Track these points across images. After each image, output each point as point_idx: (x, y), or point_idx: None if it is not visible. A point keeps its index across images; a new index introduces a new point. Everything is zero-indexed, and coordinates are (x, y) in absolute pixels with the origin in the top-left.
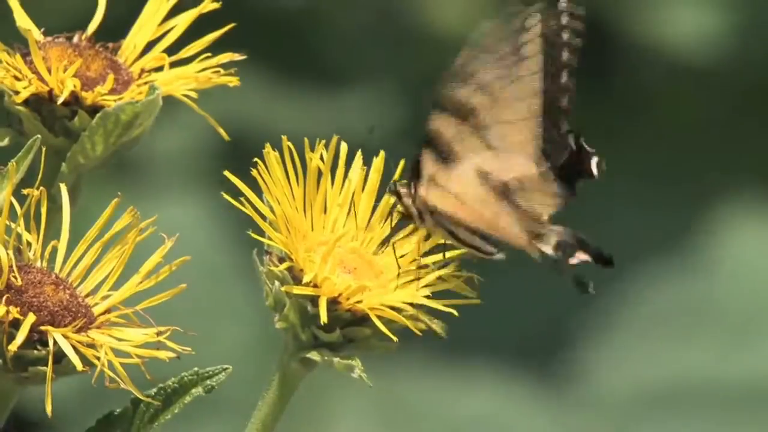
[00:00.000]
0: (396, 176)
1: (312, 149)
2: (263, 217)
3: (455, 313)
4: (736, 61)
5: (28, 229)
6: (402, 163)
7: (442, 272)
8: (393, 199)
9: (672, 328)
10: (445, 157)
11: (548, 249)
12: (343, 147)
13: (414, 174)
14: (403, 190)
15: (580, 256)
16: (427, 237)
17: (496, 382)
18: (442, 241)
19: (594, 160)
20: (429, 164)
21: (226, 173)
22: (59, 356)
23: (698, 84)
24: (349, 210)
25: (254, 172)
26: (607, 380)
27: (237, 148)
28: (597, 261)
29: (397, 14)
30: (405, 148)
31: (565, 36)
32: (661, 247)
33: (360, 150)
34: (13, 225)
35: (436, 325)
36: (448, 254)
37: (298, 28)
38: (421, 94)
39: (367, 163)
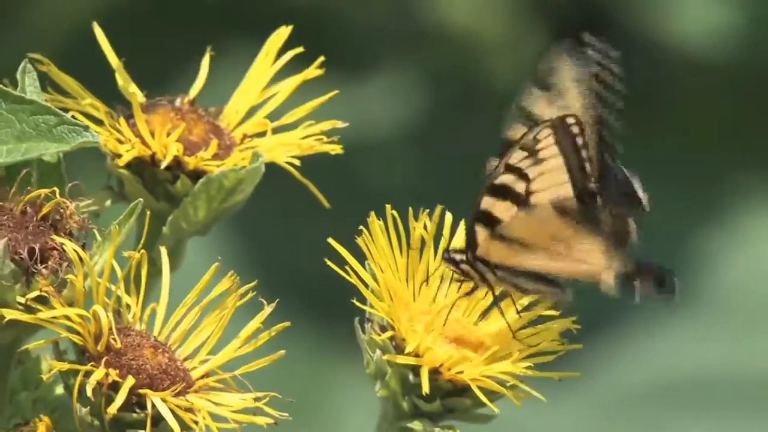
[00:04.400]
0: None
1: (416, 218)
2: (366, 286)
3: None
4: (746, 56)
5: (128, 291)
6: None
7: (543, 345)
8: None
9: (683, 322)
10: (518, 199)
11: (610, 282)
12: (448, 217)
13: (470, 236)
14: (458, 256)
15: (643, 287)
16: (527, 307)
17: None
18: (544, 311)
19: (639, 188)
20: (493, 216)
21: (330, 240)
22: (157, 420)
23: (709, 80)
24: (451, 279)
25: (359, 241)
26: (618, 376)
27: None
28: (661, 289)
29: (411, 8)
30: (423, 140)
31: (604, 79)
32: (671, 242)
33: (378, 143)
34: (113, 287)
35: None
36: (551, 329)
37: (313, 22)
38: (434, 87)
39: (385, 156)
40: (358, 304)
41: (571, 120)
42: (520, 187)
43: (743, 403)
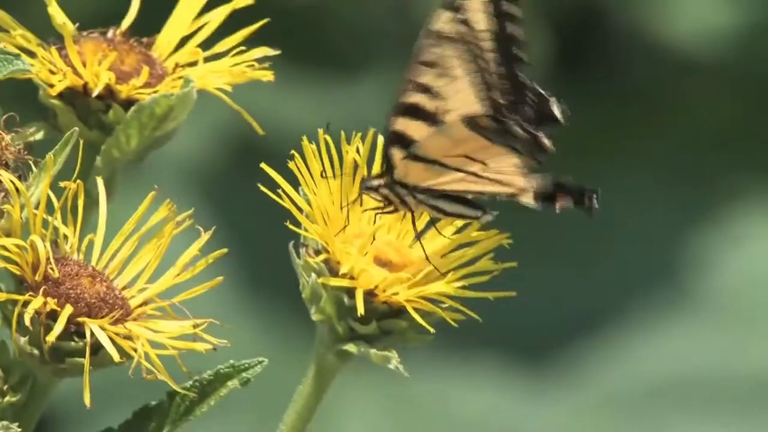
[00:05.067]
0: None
1: (348, 142)
2: (300, 209)
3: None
4: (744, 57)
5: (65, 222)
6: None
7: (478, 265)
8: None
9: (679, 323)
10: (428, 118)
11: (530, 202)
12: (380, 140)
13: (386, 160)
14: (375, 182)
15: (561, 203)
16: (462, 228)
17: (503, 379)
18: (478, 233)
19: (555, 105)
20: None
21: (263, 165)
22: (96, 348)
23: (707, 81)
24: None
25: (291, 165)
26: (614, 376)
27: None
28: (577, 204)
29: (409, 8)
30: None
31: None
32: (667, 242)
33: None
34: (50, 218)
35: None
36: (483, 245)
37: (309, 21)
38: None
39: None
40: (292, 227)
41: (469, 35)
42: (431, 105)
43: (739, 403)
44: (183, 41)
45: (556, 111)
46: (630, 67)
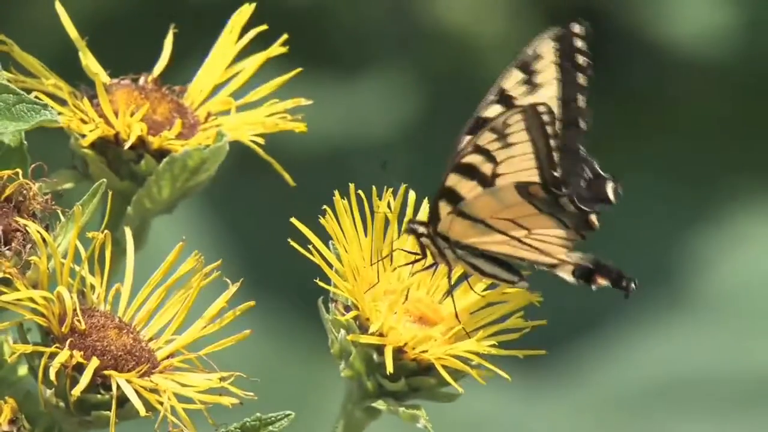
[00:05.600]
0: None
1: (380, 197)
2: (330, 266)
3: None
4: (744, 57)
5: (92, 272)
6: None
7: (509, 323)
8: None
9: (678, 323)
10: (482, 179)
11: (568, 276)
12: (411, 195)
13: (433, 211)
14: (420, 229)
15: (600, 282)
16: (491, 286)
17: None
18: (507, 291)
19: (610, 186)
20: (458, 193)
21: (293, 220)
22: (122, 401)
23: (707, 81)
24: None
25: (323, 221)
26: (614, 376)
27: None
28: (615, 286)
29: (409, 8)
30: (420, 140)
31: (580, 59)
32: (667, 242)
33: (370, 140)
34: (77, 268)
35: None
36: (514, 302)
37: (311, 22)
38: (432, 86)
39: (382, 156)
40: (321, 284)
41: (542, 108)
42: (486, 168)
43: (739, 403)
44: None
45: (610, 192)
46: (629, 66)
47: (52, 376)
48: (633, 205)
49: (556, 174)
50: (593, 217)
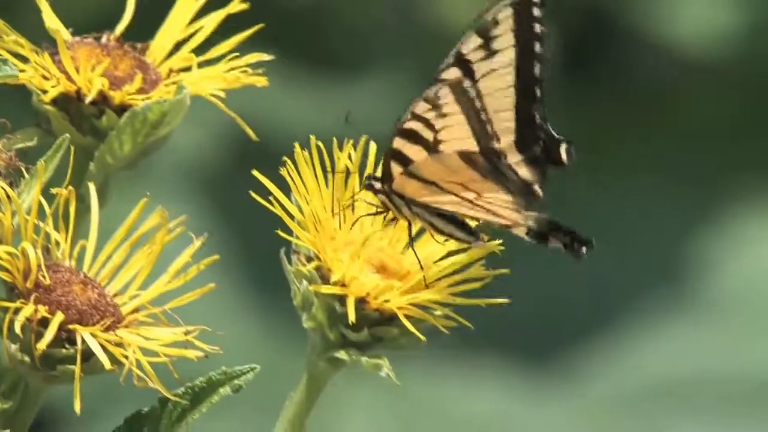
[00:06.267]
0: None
1: (340, 148)
2: (291, 217)
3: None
4: (745, 58)
5: (56, 228)
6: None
7: (470, 272)
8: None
9: (679, 324)
10: (425, 145)
11: (522, 234)
12: (372, 146)
13: (385, 170)
14: (377, 185)
15: (553, 243)
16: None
17: (504, 379)
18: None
19: (563, 147)
20: (406, 156)
21: (255, 172)
22: (87, 355)
23: (709, 81)
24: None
25: (283, 171)
26: (614, 377)
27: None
28: (567, 248)
29: (410, 7)
30: None
31: (537, 28)
32: (668, 242)
33: (372, 140)
34: (41, 224)
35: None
36: (475, 252)
37: (309, 21)
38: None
39: (381, 156)
40: (282, 234)
41: (467, 83)
42: (428, 134)
43: (739, 404)
44: (177, 46)
45: (564, 155)
46: (631, 67)
47: (18, 331)
48: (634, 205)
49: (492, 145)
50: (536, 187)
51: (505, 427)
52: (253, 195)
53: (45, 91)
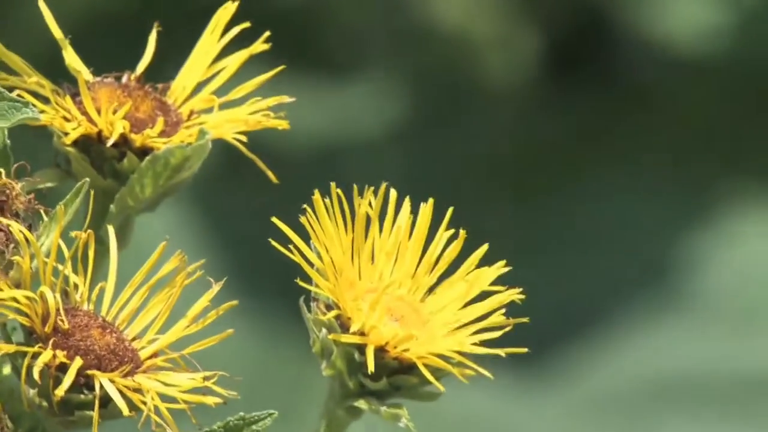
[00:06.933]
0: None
1: (361, 196)
2: (311, 264)
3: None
4: (737, 56)
5: (75, 271)
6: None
7: (491, 320)
8: (440, 247)
9: (673, 323)
10: None
11: None
12: (393, 194)
13: None
14: None
15: None
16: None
17: (496, 378)
18: (489, 288)
19: None
20: None
21: (274, 220)
22: (106, 400)
23: (699, 79)
24: (396, 258)
25: (303, 220)
26: (608, 376)
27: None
28: None
29: (402, 7)
30: (413, 140)
31: None
32: (662, 243)
33: (366, 143)
34: (60, 267)
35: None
36: (496, 299)
37: (302, 21)
38: (424, 86)
39: (374, 156)
40: (302, 283)
41: None
42: None
43: (733, 403)
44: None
45: None
46: (625, 66)
47: (36, 376)
48: (627, 203)
49: None
50: None
51: (498, 425)
52: (274, 243)
53: (66, 133)
